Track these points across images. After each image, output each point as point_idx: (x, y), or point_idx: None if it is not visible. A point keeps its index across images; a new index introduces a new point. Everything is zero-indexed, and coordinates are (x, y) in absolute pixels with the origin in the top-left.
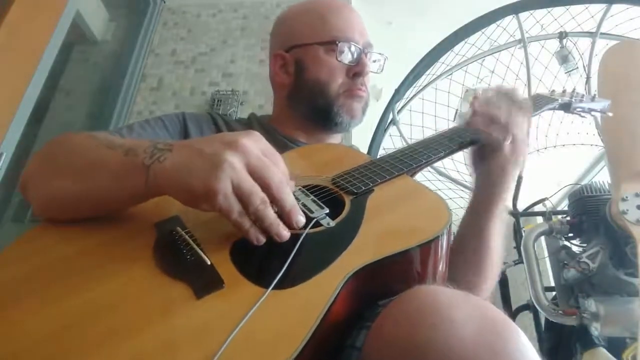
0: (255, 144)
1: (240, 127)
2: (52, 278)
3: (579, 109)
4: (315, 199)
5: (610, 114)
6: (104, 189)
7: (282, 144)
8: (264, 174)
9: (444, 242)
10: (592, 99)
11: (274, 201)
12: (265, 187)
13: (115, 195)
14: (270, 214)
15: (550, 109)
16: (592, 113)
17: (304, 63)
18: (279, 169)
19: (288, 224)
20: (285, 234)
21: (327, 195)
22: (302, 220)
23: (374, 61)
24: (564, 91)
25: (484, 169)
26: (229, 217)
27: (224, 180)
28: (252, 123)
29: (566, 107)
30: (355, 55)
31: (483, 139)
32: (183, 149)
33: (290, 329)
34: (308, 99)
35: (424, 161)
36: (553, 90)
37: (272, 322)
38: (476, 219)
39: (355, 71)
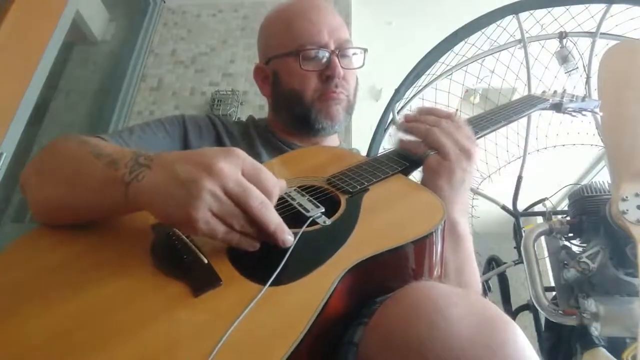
0: (233, 165)
1: (238, 129)
2: (52, 281)
3: (569, 109)
4: (311, 198)
5: (601, 114)
6: (88, 199)
7: (278, 147)
8: (243, 200)
9: (439, 239)
10: (583, 99)
11: (256, 224)
12: (246, 211)
13: (98, 205)
14: (253, 231)
15: (542, 109)
16: (583, 113)
17: (279, 74)
18: (264, 184)
19: (274, 244)
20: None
21: (323, 195)
22: (289, 239)
23: (354, 54)
24: (554, 92)
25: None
26: (215, 239)
27: (202, 209)
28: (249, 126)
29: (557, 107)
30: (324, 59)
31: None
32: (161, 168)
33: (287, 324)
34: (287, 108)
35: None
36: (544, 91)
37: (269, 318)
38: None
39: (327, 74)
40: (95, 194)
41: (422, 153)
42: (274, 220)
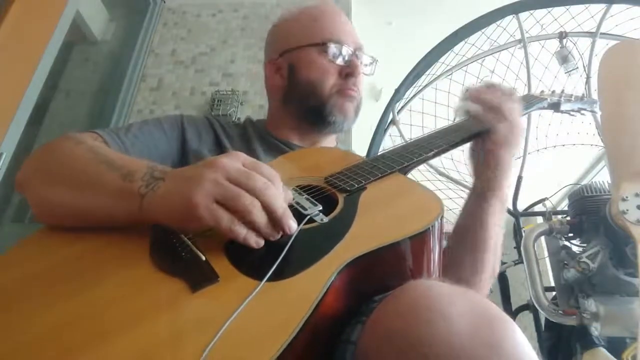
0: (234, 160)
1: (236, 131)
2: (54, 280)
3: (567, 108)
4: (309, 197)
5: (599, 113)
6: (100, 208)
7: (276, 147)
8: (246, 182)
9: (435, 235)
10: (581, 98)
11: (264, 206)
12: (251, 194)
13: (110, 215)
14: (261, 217)
15: (540, 109)
16: (582, 112)
17: (297, 65)
18: (262, 170)
19: (279, 229)
20: (277, 235)
21: (321, 194)
22: (293, 225)
23: (366, 65)
24: (553, 91)
25: (482, 156)
26: (220, 227)
27: (201, 193)
28: (247, 127)
29: (555, 107)
30: (347, 57)
31: (484, 126)
32: (173, 177)
33: (283, 319)
34: (301, 99)
35: (414, 159)
36: (542, 91)
37: (265, 313)
38: (476, 209)
39: (347, 72)
40: (110, 205)
41: (489, 123)
42: (281, 203)
